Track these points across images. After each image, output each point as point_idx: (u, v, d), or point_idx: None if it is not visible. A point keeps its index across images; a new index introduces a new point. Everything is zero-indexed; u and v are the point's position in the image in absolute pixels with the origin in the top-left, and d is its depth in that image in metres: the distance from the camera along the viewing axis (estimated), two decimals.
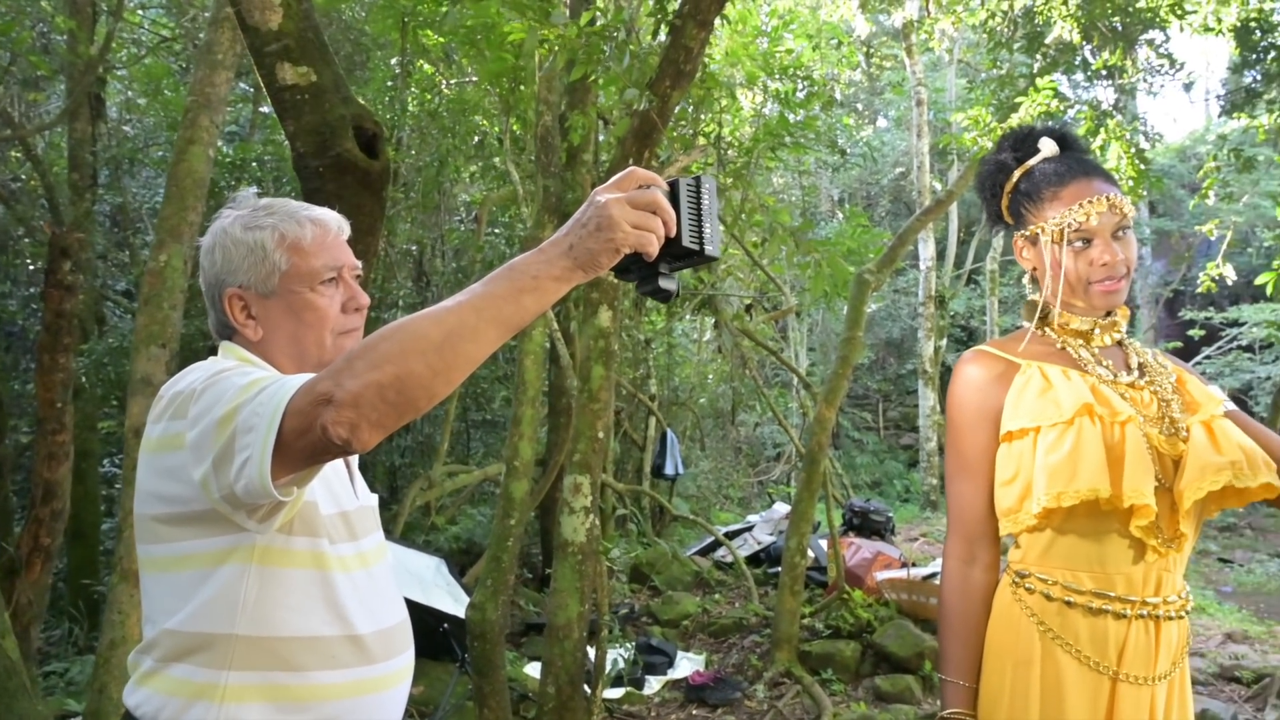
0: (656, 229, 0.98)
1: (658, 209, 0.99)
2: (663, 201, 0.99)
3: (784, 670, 4.63)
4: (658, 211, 0.99)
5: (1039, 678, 1.44)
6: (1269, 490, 1.41)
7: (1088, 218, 1.46)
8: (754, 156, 8.47)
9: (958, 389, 1.57)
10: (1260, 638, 6.11)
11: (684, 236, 1.01)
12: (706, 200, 1.03)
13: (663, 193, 1.01)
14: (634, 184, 1.01)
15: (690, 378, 9.68)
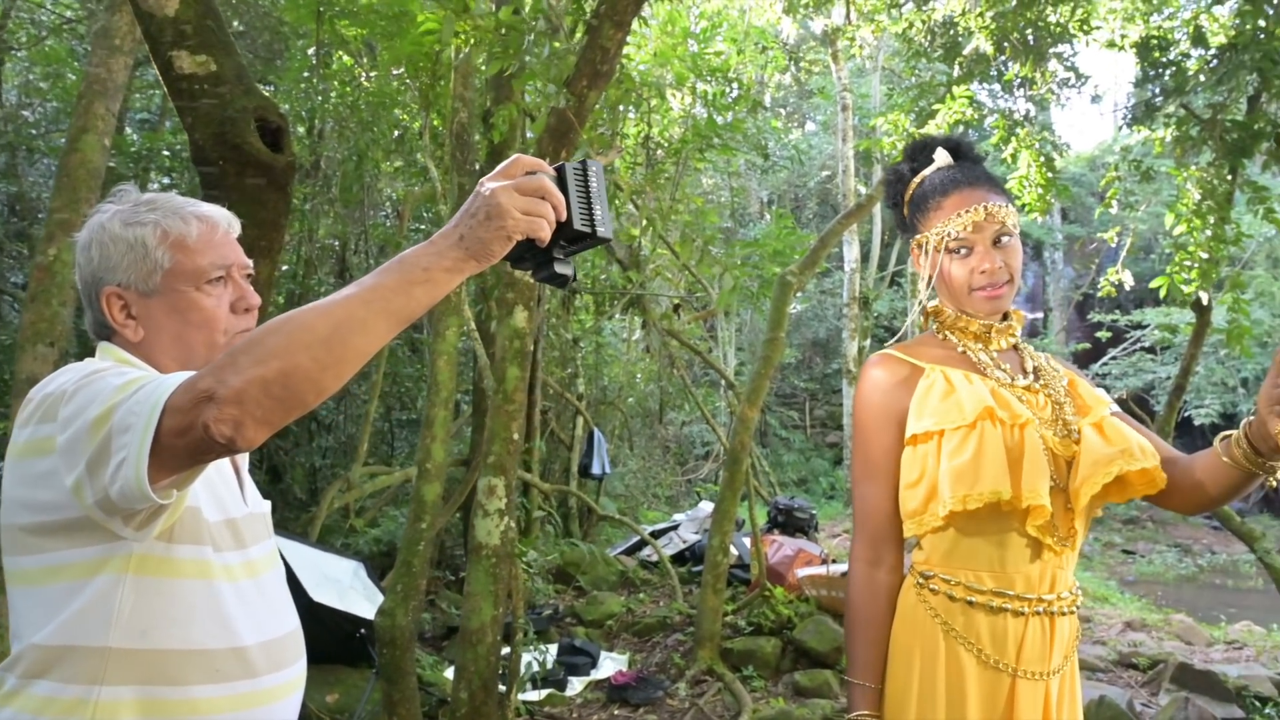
0: (546, 214, 0.98)
1: (546, 194, 0.98)
2: (550, 186, 0.99)
3: (706, 668, 4.67)
4: (546, 196, 0.98)
5: (944, 677, 1.46)
6: (1151, 482, 1.47)
7: (965, 227, 1.50)
8: (683, 157, 8.53)
9: (863, 392, 1.59)
10: (1156, 626, 6.42)
11: (575, 220, 1.01)
12: (594, 183, 1.04)
13: (550, 178, 1.01)
14: (520, 171, 1.01)
15: (619, 377, 9.68)
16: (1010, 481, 1.40)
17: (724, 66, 8.03)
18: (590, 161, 1.05)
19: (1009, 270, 1.55)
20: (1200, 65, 4.44)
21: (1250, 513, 15.35)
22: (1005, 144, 4.66)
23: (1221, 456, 1.36)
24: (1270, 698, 4.65)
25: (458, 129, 2.84)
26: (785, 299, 5.14)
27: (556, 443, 8.27)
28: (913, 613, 1.51)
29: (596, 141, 2.70)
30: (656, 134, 8.46)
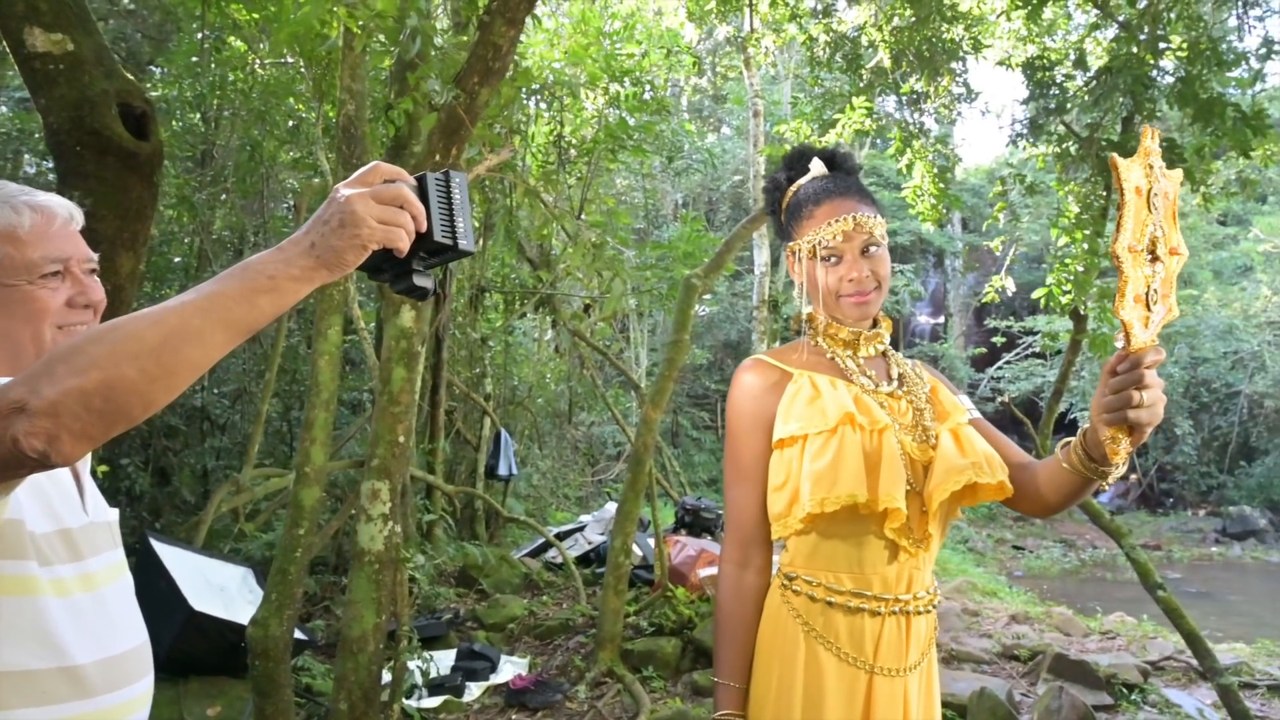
0: (405, 224, 0.95)
1: (405, 204, 0.96)
2: (409, 196, 0.96)
3: (606, 670, 4.66)
4: (405, 206, 0.95)
5: (802, 676, 1.50)
6: (1002, 490, 1.53)
7: (835, 236, 1.54)
8: (595, 157, 8.52)
9: (735, 397, 1.62)
10: (1039, 618, 6.74)
11: (435, 231, 0.99)
12: (458, 195, 1.02)
13: (411, 188, 0.98)
14: (378, 179, 0.97)
15: (529, 377, 9.59)
16: (867, 485, 1.44)
17: (637, 68, 8.06)
18: (454, 173, 1.03)
19: (876, 278, 1.60)
20: (1080, 87, 4.67)
21: (1129, 509, 16.30)
22: (901, 155, 4.82)
23: (1061, 463, 1.42)
24: (1136, 684, 4.94)
25: (344, 122, 2.74)
26: (689, 301, 5.17)
27: (463, 444, 8.14)
28: (776, 613, 1.55)
29: (490, 139, 2.66)
30: (569, 133, 8.44)
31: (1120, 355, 1.24)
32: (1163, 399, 1.26)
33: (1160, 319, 1.25)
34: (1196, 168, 4.37)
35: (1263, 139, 4.12)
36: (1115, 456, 1.31)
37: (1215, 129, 4.08)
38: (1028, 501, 1.57)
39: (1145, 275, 1.22)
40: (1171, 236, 1.26)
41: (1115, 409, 1.25)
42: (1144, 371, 1.22)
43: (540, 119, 8.54)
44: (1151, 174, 1.23)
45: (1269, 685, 5.19)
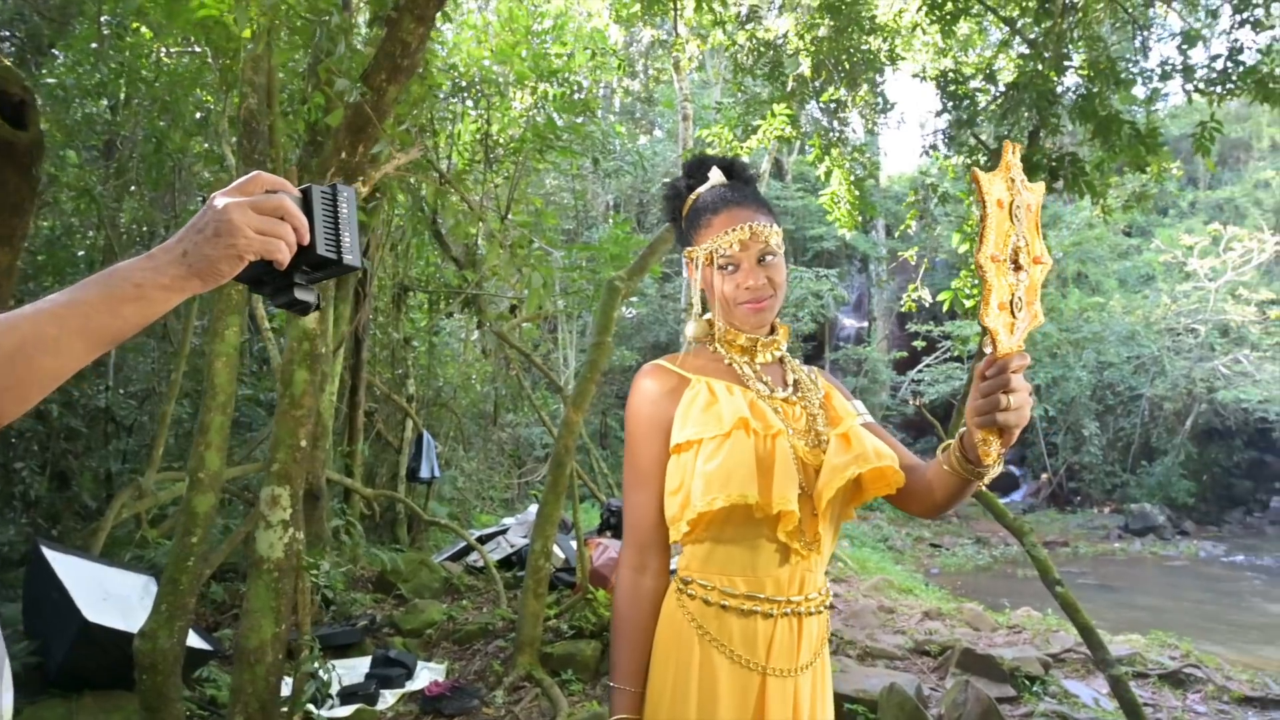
0: (285, 235, 0.93)
1: (286, 215, 0.93)
2: (291, 207, 0.94)
3: (525, 674, 4.62)
4: (286, 217, 0.93)
5: (697, 678, 1.52)
6: (888, 482, 1.56)
7: (732, 244, 1.57)
8: (522, 157, 8.46)
9: (633, 402, 1.63)
10: (951, 614, 6.94)
11: (319, 245, 0.97)
12: (345, 209, 1.01)
13: (295, 200, 0.96)
14: (259, 188, 0.95)
15: (453, 378, 9.47)
16: (760, 488, 1.46)
17: (566, 68, 8.04)
18: (341, 187, 1.02)
19: (773, 285, 1.62)
20: (990, 101, 4.83)
21: (1040, 507, 16.97)
22: (820, 161, 4.93)
23: (942, 465, 1.46)
24: (1038, 676, 5.13)
25: (246, 115, 2.65)
26: (612, 303, 5.18)
27: (384, 446, 7.99)
28: (672, 617, 1.56)
29: (399, 137, 2.61)
30: (496, 132, 8.37)
31: (988, 361, 1.28)
32: (1029, 401, 1.30)
33: (1025, 326, 1.29)
34: (1096, 181, 4.55)
35: (1155, 155, 4.33)
36: (987, 458, 1.36)
37: (1113, 145, 4.28)
38: (916, 502, 1.61)
39: (1009, 283, 1.27)
40: (1034, 246, 1.31)
41: (985, 412, 1.29)
42: (1010, 376, 1.26)
43: (467, 117, 8.45)
44: (1013, 187, 1.28)
45: (1160, 674, 5.45)
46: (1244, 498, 17.00)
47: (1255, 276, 16.08)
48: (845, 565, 9.35)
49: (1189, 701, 5.17)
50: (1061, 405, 16.69)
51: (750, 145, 5.07)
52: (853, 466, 1.50)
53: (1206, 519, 16.11)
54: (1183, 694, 5.28)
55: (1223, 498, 16.89)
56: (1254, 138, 19.95)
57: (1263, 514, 16.59)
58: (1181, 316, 16.17)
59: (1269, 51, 4.08)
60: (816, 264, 18.75)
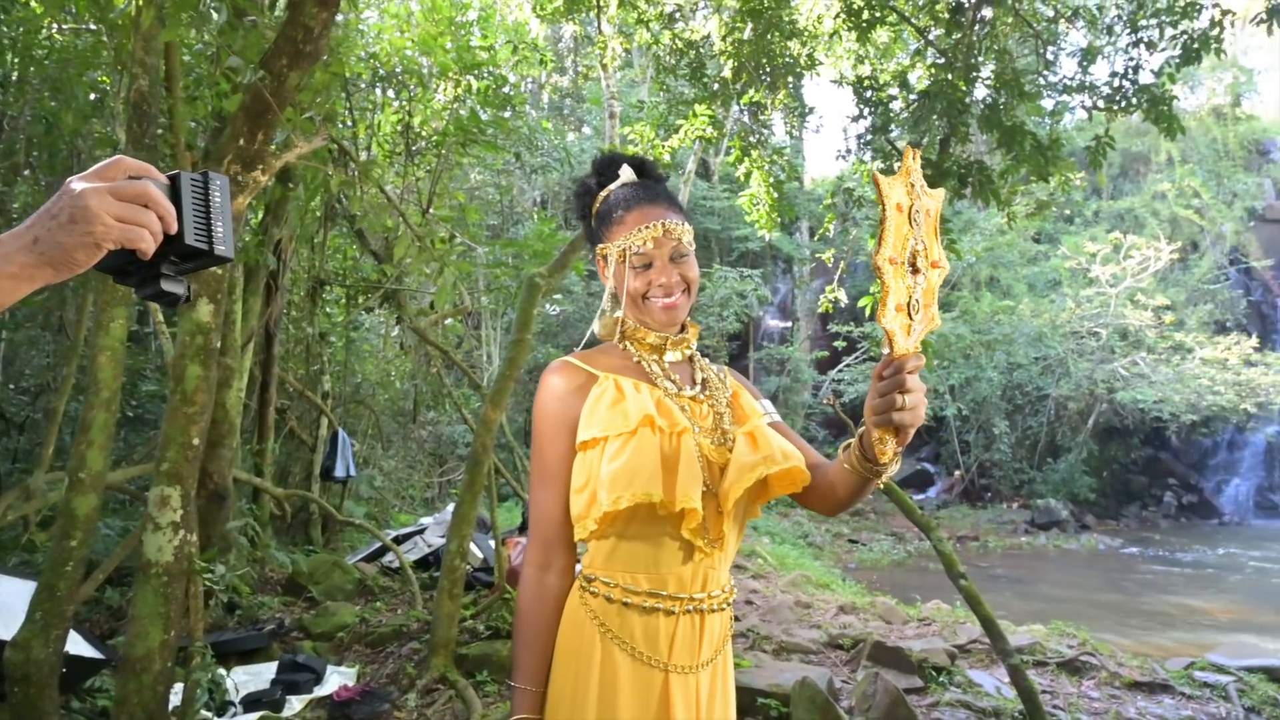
0: (148, 223, 0.87)
1: (150, 202, 0.88)
2: (155, 194, 0.88)
3: (439, 676, 4.54)
4: (150, 204, 0.88)
5: (598, 676, 1.51)
6: (793, 482, 1.58)
7: (645, 242, 1.56)
8: (444, 150, 8.32)
9: (540, 399, 1.61)
10: (865, 608, 7.12)
11: (188, 234, 0.93)
12: (217, 197, 0.96)
13: (162, 187, 0.91)
14: (120, 174, 0.89)
15: (372, 374, 9.24)
16: (664, 486, 1.46)
17: (490, 61, 7.92)
18: (214, 175, 0.97)
19: (685, 282, 1.63)
20: (903, 108, 4.95)
21: (953, 503, 17.55)
22: (740, 163, 4.98)
23: (843, 463, 1.48)
24: (945, 667, 5.30)
25: (135, 97, 2.51)
26: (532, 300, 5.12)
27: (298, 444, 7.75)
28: (574, 615, 1.55)
29: (302, 125, 2.52)
30: (418, 124, 8.20)
31: (885, 362, 1.30)
32: (923, 402, 1.33)
33: (922, 328, 1.32)
34: (1002, 189, 4.71)
35: (1057, 166, 4.51)
36: (883, 456, 1.38)
37: (1017, 154, 4.43)
38: (820, 499, 1.63)
39: (907, 286, 1.29)
40: (932, 250, 1.34)
41: (881, 412, 1.31)
42: (906, 377, 1.28)
43: (388, 107, 8.26)
44: (913, 191, 1.30)
45: (1058, 663, 5.69)
46: (1140, 493, 17.91)
47: (1152, 283, 16.95)
48: (765, 562, 9.50)
49: (1084, 688, 5.41)
50: (974, 405, 17.29)
51: (672, 144, 5.10)
52: (761, 467, 1.51)
53: (1106, 513, 16.91)
54: (1078, 681, 5.52)
55: (1121, 493, 17.76)
56: (1153, 151, 21.03)
57: (1156, 508, 17.51)
58: (1085, 320, 16.94)
59: (1161, 72, 4.29)
60: (741, 264, 18.98)
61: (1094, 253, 16.76)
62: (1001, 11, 4.74)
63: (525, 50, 6.43)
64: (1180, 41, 4.28)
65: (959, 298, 17.96)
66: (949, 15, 4.76)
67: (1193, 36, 4.21)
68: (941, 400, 16.82)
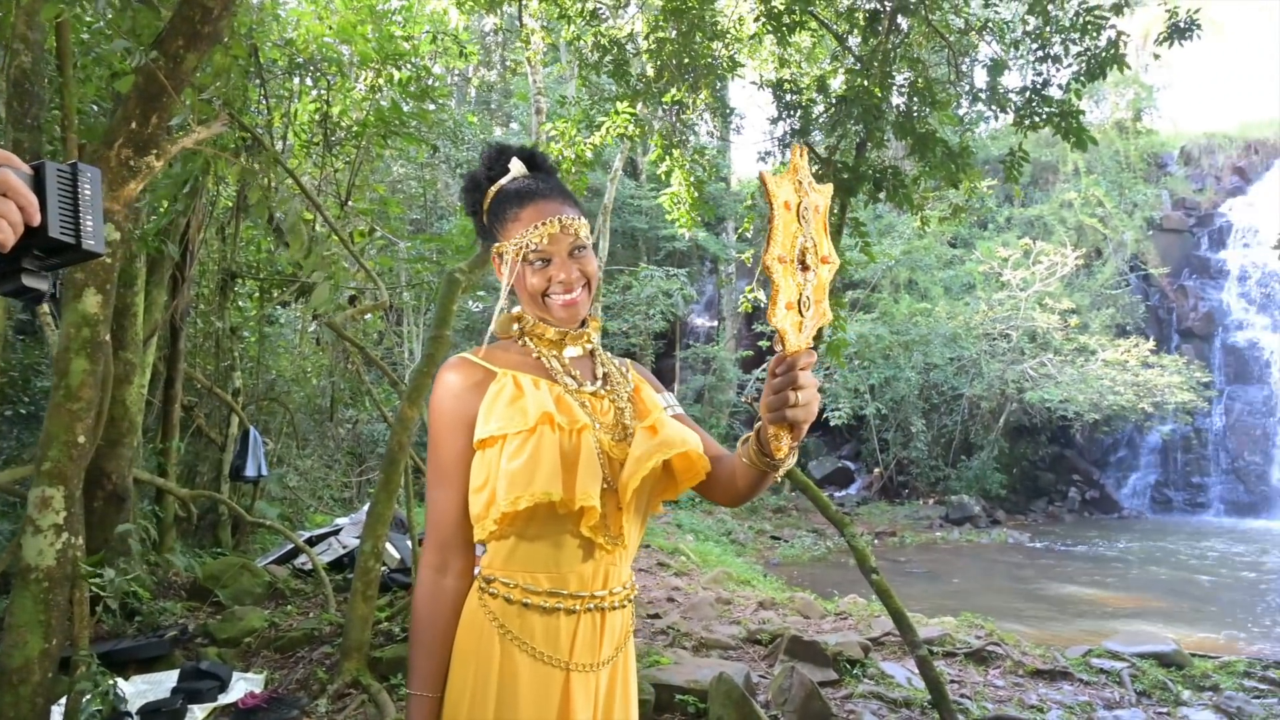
0: (6, 214, 0.82)
1: (9, 191, 0.82)
2: (15, 183, 0.83)
3: (351, 680, 4.42)
4: (9, 194, 0.82)
5: (496, 679, 1.49)
6: (693, 468, 1.58)
7: (542, 239, 1.54)
8: (364, 141, 8.12)
9: (436, 396, 1.58)
10: (784, 603, 7.24)
11: (52, 227, 0.87)
12: (87, 190, 0.91)
13: (25, 176, 0.86)
14: None
15: (287, 370, 8.97)
16: (563, 484, 1.45)
17: (413, 51, 7.77)
18: (83, 166, 0.92)
19: (585, 277, 1.61)
20: (821, 112, 5.04)
21: (873, 500, 18.00)
22: (661, 162, 5.00)
23: (741, 458, 1.49)
24: (859, 659, 5.43)
25: (16, 75, 2.36)
26: (452, 296, 5.04)
27: (206, 443, 7.46)
28: (473, 617, 1.53)
29: (200, 109, 2.41)
30: (337, 114, 7.99)
31: (777, 359, 1.31)
32: (816, 398, 1.34)
33: (813, 324, 1.33)
34: (915, 194, 4.83)
35: (966, 173, 4.65)
36: (778, 453, 1.39)
37: (929, 161, 4.56)
38: (721, 492, 1.64)
39: (797, 283, 1.30)
40: (822, 246, 1.35)
41: (775, 409, 1.33)
42: (798, 374, 1.30)
43: (305, 95, 8.03)
44: (801, 189, 1.31)
45: (966, 653, 5.89)
46: (1047, 489, 18.69)
47: (1059, 288, 17.70)
48: (688, 559, 9.57)
49: (990, 676, 5.61)
50: (893, 404, 17.76)
51: (595, 141, 5.08)
52: (656, 455, 1.51)
53: (1015, 509, 17.59)
54: (985, 670, 5.73)
55: (1029, 489, 18.50)
56: (1061, 162, 21.96)
57: (1062, 503, 18.30)
58: (997, 323, 17.58)
59: (1068, 87, 4.47)
60: (668, 263, 19.08)
61: (1006, 258, 17.41)
62: (916, 21, 4.86)
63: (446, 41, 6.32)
64: (1083, 58, 4.47)
65: (879, 299, 18.43)
66: (866, 23, 4.86)
67: (1095, 54, 4.40)
68: (862, 399, 17.23)
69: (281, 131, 7.93)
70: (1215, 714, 5.10)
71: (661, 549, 10.01)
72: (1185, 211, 21.99)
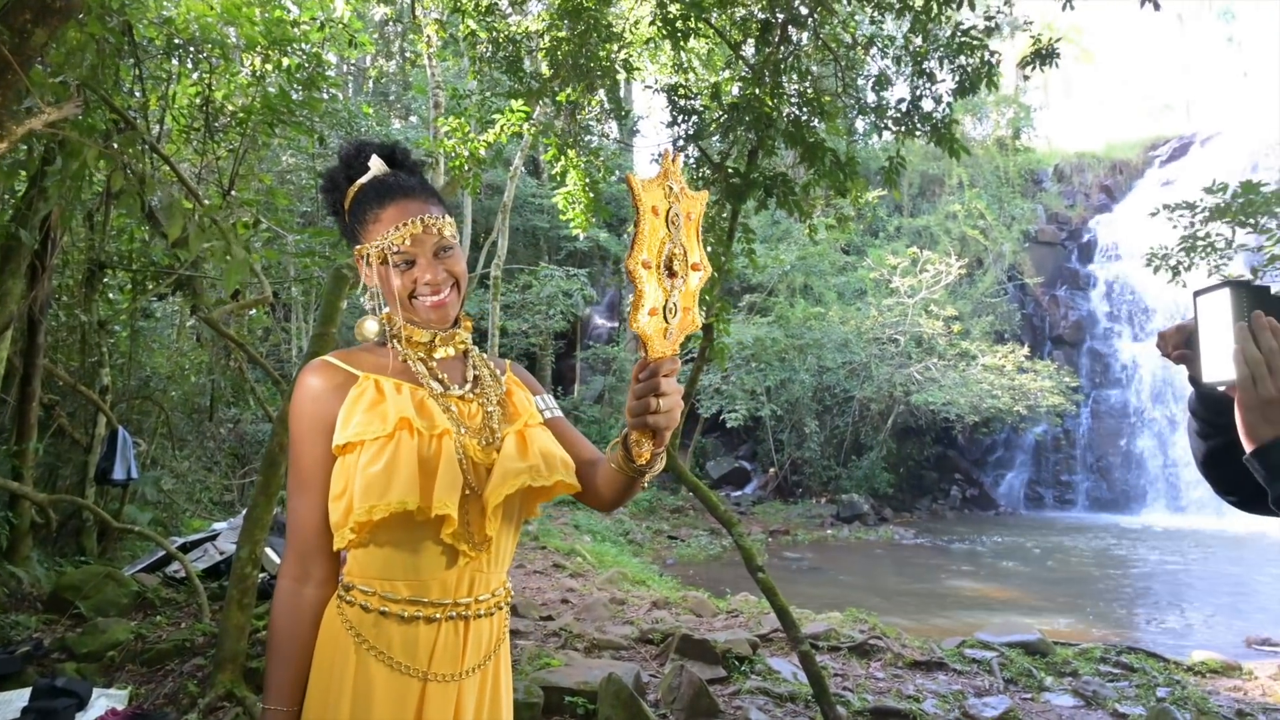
0: None
1: None
2: None
3: (225, 693, 4.23)
4: None
5: (350, 690, 1.45)
6: (563, 488, 1.58)
7: (405, 240, 1.51)
8: (249, 128, 7.78)
9: (296, 400, 1.53)
10: (677, 603, 7.32)
11: None
12: None
13: None
14: None
15: (162, 367, 8.49)
16: (421, 491, 1.42)
17: (303, 38, 7.48)
18: None
19: (453, 277, 1.58)
20: (714, 118, 5.12)
21: (768, 499, 18.41)
22: (556, 161, 4.98)
23: (610, 463, 1.50)
24: (747, 656, 5.54)
25: None
26: (339, 292, 4.89)
27: (70, 444, 7.00)
28: (330, 627, 1.49)
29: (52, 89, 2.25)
30: (220, 99, 7.62)
31: (640, 365, 1.32)
32: (679, 405, 1.35)
33: (679, 331, 1.34)
34: (804, 201, 4.96)
35: (853, 182, 4.81)
36: (640, 459, 1.40)
37: (817, 169, 4.69)
38: (594, 497, 1.64)
39: (664, 289, 1.31)
40: (692, 253, 1.36)
41: (638, 414, 1.33)
42: (661, 380, 1.30)
43: (185, 79, 7.64)
44: (671, 194, 1.32)
45: (850, 647, 6.10)
46: (931, 488, 19.56)
47: (943, 295, 18.55)
48: (584, 560, 9.57)
49: (871, 669, 5.82)
50: (788, 405, 18.23)
51: (488, 138, 5.01)
52: (524, 476, 1.50)
53: (902, 506, 18.33)
54: (867, 663, 5.94)
55: (915, 488, 19.31)
56: (946, 175, 23.04)
57: (945, 501, 19.19)
58: (886, 327, 18.28)
59: (941, 100, 4.70)
60: (569, 263, 19.04)
61: (895, 265, 18.12)
62: (806, 34, 5.00)
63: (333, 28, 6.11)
64: (957, 75, 4.69)
65: (775, 303, 18.88)
66: (759, 33, 4.96)
67: (968, 71, 4.62)
68: (758, 401, 17.61)
69: (158, 115, 7.52)
70: (1074, 698, 5.44)
71: (558, 550, 9.98)
72: (1058, 226, 23.44)
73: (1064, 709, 5.25)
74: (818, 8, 4.95)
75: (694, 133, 5.04)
